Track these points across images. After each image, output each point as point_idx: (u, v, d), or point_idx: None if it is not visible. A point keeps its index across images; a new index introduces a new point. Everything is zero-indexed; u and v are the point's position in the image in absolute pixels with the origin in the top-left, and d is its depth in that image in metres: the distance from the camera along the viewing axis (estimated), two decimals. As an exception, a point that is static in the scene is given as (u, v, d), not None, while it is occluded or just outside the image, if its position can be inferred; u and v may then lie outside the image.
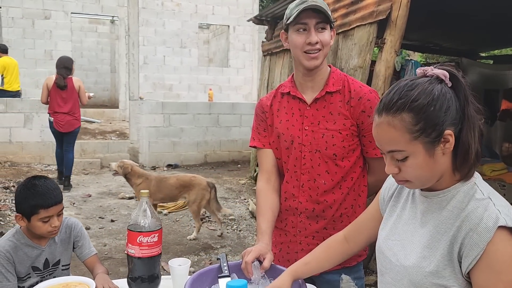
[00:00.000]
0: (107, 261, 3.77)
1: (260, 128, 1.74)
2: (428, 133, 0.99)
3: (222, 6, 12.44)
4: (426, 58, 12.86)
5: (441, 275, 1.01)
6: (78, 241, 1.90)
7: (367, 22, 3.71)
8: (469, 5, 4.27)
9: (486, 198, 1.01)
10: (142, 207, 1.55)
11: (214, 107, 8.78)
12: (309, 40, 1.53)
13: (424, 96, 0.99)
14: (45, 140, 7.49)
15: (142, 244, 1.51)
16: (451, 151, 1.03)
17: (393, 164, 1.05)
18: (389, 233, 1.19)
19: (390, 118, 1.01)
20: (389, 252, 1.16)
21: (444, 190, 1.07)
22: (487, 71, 6.73)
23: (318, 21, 1.53)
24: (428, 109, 0.98)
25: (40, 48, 10.89)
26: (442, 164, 1.03)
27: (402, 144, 1.01)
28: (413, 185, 1.08)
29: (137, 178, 4.34)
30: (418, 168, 1.02)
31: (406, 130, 0.99)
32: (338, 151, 1.60)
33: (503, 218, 0.95)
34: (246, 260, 1.39)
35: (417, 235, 1.09)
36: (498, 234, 0.94)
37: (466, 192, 1.04)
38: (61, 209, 1.77)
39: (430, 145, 1.00)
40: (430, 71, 1.04)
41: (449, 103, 1.00)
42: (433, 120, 0.98)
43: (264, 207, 1.63)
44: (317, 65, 1.57)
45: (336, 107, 1.60)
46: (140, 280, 1.54)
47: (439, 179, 1.06)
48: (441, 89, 1.01)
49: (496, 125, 6.45)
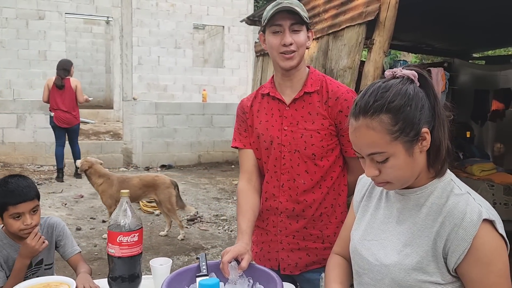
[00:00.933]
0: (97, 261, 3.78)
1: (241, 128, 1.76)
2: (407, 132, 1.00)
3: (216, 7, 12.44)
4: (422, 59, 12.92)
5: (425, 271, 1.02)
6: (61, 240, 1.90)
7: (356, 23, 3.73)
8: (462, 5, 4.30)
9: (465, 193, 1.04)
10: (122, 207, 1.55)
11: (207, 107, 8.79)
12: (284, 42, 1.54)
13: (400, 96, 1.00)
14: (37, 141, 7.48)
15: (122, 243, 1.52)
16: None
17: (373, 167, 1.05)
18: (364, 233, 1.19)
19: (368, 120, 1.01)
20: (367, 252, 1.15)
21: (422, 187, 1.08)
22: (479, 71, 6.77)
23: (293, 22, 1.54)
24: (406, 109, 1.00)
25: (34, 48, 10.85)
26: (420, 162, 1.05)
27: (382, 145, 1.01)
28: (393, 186, 1.09)
29: (97, 178, 4.29)
30: (399, 169, 1.03)
31: (386, 131, 1.00)
32: (317, 151, 1.61)
33: (485, 211, 0.98)
34: (223, 260, 1.40)
35: (395, 233, 1.10)
36: (483, 227, 0.97)
37: (443, 188, 1.06)
38: (34, 206, 1.75)
39: (409, 144, 1.02)
40: (399, 72, 1.05)
41: (423, 102, 1.02)
42: (411, 119, 1.00)
43: (244, 207, 1.64)
44: (292, 65, 1.59)
45: (314, 107, 1.62)
46: (120, 279, 1.55)
47: (417, 178, 1.08)
48: (414, 88, 1.03)
49: (486, 125, 6.48)
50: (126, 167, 8.08)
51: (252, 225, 1.61)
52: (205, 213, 5.39)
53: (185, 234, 4.49)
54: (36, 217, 1.77)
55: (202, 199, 6.11)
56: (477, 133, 6.59)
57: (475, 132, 6.51)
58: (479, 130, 6.61)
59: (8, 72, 10.61)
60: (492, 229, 0.98)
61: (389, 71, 1.08)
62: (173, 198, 4.38)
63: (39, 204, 1.80)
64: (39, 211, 1.80)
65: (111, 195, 4.19)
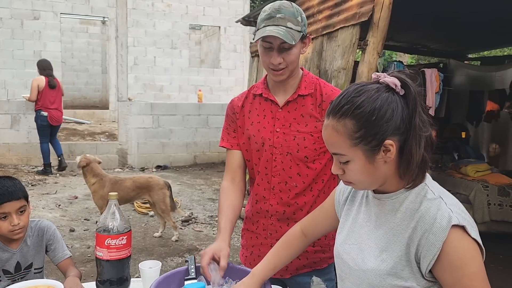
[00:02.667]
0: (90, 263, 3.75)
1: (230, 128, 1.74)
2: (368, 141, 1.00)
3: (213, 7, 12.42)
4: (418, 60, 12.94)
5: (400, 276, 1.02)
6: (51, 244, 1.88)
7: (350, 24, 3.73)
8: (457, 7, 4.31)
9: (437, 198, 1.02)
10: (110, 210, 1.54)
11: (203, 108, 8.77)
12: (272, 61, 1.53)
13: (368, 104, 0.99)
14: (32, 141, 7.44)
15: (111, 246, 1.50)
16: (395, 159, 1.03)
17: (337, 166, 1.08)
18: (346, 237, 1.19)
19: (335, 122, 1.02)
20: (347, 257, 1.16)
21: (396, 192, 1.07)
22: (474, 72, 6.79)
23: (282, 42, 1.50)
24: (370, 118, 0.99)
25: (29, 48, 10.80)
26: (383, 171, 1.04)
27: (343, 148, 1.03)
28: (357, 187, 1.11)
29: (91, 177, 4.28)
30: (358, 173, 1.04)
31: (347, 136, 1.01)
32: (309, 154, 1.60)
33: (455, 217, 0.97)
34: (202, 265, 1.40)
35: (373, 238, 1.10)
36: (452, 232, 0.96)
37: (417, 193, 1.05)
38: (20, 206, 1.73)
39: (369, 153, 1.01)
40: (382, 78, 1.04)
41: (393, 113, 1.00)
42: (373, 129, 0.99)
43: (225, 205, 1.63)
44: (282, 79, 1.58)
45: (307, 110, 1.61)
46: (108, 283, 1.53)
47: (383, 183, 1.07)
48: (387, 98, 1.00)
49: (482, 126, 6.50)
50: (122, 168, 8.05)
51: (232, 222, 1.60)
52: (200, 214, 5.38)
53: (179, 235, 4.47)
54: (23, 218, 1.75)
55: (197, 200, 6.10)
56: (472, 134, 6.61)
57: (470, 133, 6.52)
58: (474, 131, 6.64)
59: (3, 72, 10.56)
60: (463, 234, 0.97)
61: (375, 74, 1.06)
62: (167, 199, 4.37)
63: (26, 204, 1.78)
64: (28, 212, 1.78)
65: (102, 196, 4.16)
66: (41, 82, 6.75)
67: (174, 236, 4.44)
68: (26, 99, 7.15)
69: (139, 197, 4.48)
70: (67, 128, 9.55)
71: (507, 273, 3.94)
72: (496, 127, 6.29)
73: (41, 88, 6.75)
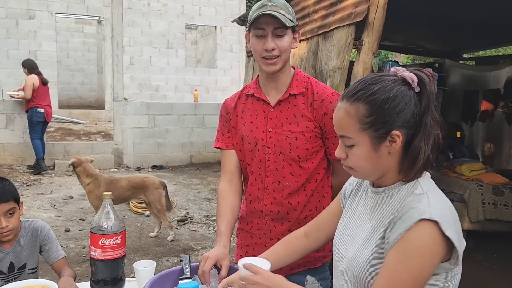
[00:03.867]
0: (85, 263, 3.74)
1: (224, 129, 1.73)
2: (377, 128, 1.02)
3: (209, 7, 12.41)
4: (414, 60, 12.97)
5: (377, 263, 1.05)
6: (45, 244, 1.87)
7: (346, 23, 3.73)
8: (452, 7, 4.32)
9: (423, 193, 1.04)
10: (104, 209, 1.54)
11: (199, 108, 8.76)
12: (265, 47, 1.52)
13: (382, 92, 1.03)
14: (27, 141, 7.41)
15: (105, 246, 1.50)
16: (399, 152, 1.05)
17: (342, 149, 1.10)
18: (343, 228, 1.22)
19: (348, 105, 1.05)
20: (342, 247, 1.19)
21: (390, 187, 1.10)
22: (469, 72, 6.82)
23: (276, 26, 1.50)
24: (382, 106, 1.02)
25: (24, 48, 10.76)
26: (386, 162, 1.06)
27: (351, 131, 1.05)
28: (357, 173, 1.13)
29: (86, 177, 4.26)
30: (361, 159, 1.06)
31: (358, 120, 1.04)
32: (301, 153, 1.60)
33: (430, 211, 0.98)
34: (204, 269, 1.39)
35: (364, 229, 1.13)
36: (421, 224, 0.97)
37: (408, 188, 1.07)
38: (9, 209, 1.72)
39: (376, 140, 1.04)
40: (401, 72, 1.06)
41: (405, 106, 1.02)
42: (384, 117, 1.02)
43: (224, 209, 1.62)
44: (275, 70, 1.57)
45: (299, 109, 1.60)
46: (103, 282, 1.53)
47: (383, 176, 1.09)
48: (402, 90, 1.03)
49: (476, 126, 6.53)
50: (117, 168, 8.03)
51: (232, 227, 1.59)
52: (196, 214, 5.37)
53: (175, 235, 4.47)
54: (13, 220, 1.74)
55: (193, 199, 6.09)
56: (467, 133, 6.64)
57: (465, 132, 6.55)
58: (469, 130, 6.66)
59: (-2, 72, 10.51)
60: (433, 229, 0.96)
61: (395, 68, 1.09)
62: (163, 199, 4.36)
63: (16, 207, 1.77)
64: (17, 214, 1.77)
65: (97, 196, 4.15)
66: (35, 81, 6.93)
67: (170, 236, 4.43)
68: (15, 96, 7.21)
69: (134, 197, 4.47)
70: (62, 128, 9.52)
71: (501, 272, 3.96)
72: (491, 126, 6.32)
73: (36, 86, 6.93)
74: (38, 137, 7.13)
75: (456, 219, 1.03)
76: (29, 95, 6.90)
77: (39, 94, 6.99)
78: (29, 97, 6.91)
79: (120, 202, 4.48)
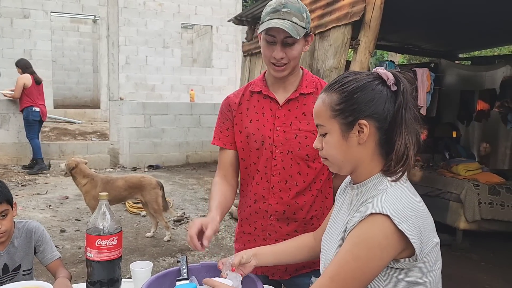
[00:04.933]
0: (81, 264, 3.72)
1: (224, 127, 1.70)
2: (345, 115, 1.08)
3: (205, 6, 12.39)
4: (410, 59, 13.01)
5: None
6: (40, 245, 1.85)
7: (342, 23, 3.73)
8: (447, 7, 4.33)
9: (384, 189, 1.06)
10: (101, 210, 1.52)
11: (195, 107, 8.74)
12: (274, 55, 1.52)
13: (353, 83, 1.09)
14: (22, 141, 7.37)
15: (101, 247, 1.48)
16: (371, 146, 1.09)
17: (319, 140, 1.16)
18: (328, 227, 1.26)
19: (324, 95, 1.14)
20: (325, 244, 1.23)
21: (362, 183, 1.14)
22: (464, 72, 6.84)
23: (287, 36, 1.49)
24: (351, 94, 1.08)
25: (19, 47, 10.69)
26: (356, 152, 1.10)
27: (323, 118, 1.12)
28: (331, 164, 1.16)
29: (82, 178, 4.23)
30: (332, 147, 1.12)
31: (329, 107, 1.11)
32: (310, 152, 1.58)
33: (381, 206, 1.00)
34: (190, 234, 1.39)
35: (338, 226, 1.17)
36: (373, 217, 1.00)
37: (374, 183, 1.10)
38: (2, 211, 1.71)
39: (344, 127, 1.09)
40: (379, 70, 1.12)
41: (374, 97, 1.07)
42: (352, 105, 1.08)
43: (216, 193, 1.60)
44: (283, 75, 1.57)
45: (309, 109, 1.58)
46: (99, 284, 1.52)
47: (355, 169, 1.13)
48: (373, 84, 1.09)
49: (472, 125, 6.55)
50: (113, 168, 8.00)
51: (223, 206, 1.57)
52: (192, 214, 5.35)
53: (171, 235, 4.45)
54: (5, 222, 1.72)
55: (190, 199, 6.07)
56: (463, 133, 6.66)
57: (461, 132, 6.57)
58: (465, 130, 6.68)
59: (-8, 71, 10.44)
60: (384, 222, 0.98)
61: (375, 68, 1.15)
62: (160, 199, 4.34)
63: (9, 208, 1.75)
64: (10, 216, 1.75)
65: (94, 196, 4.12)
66: (27, 80, 6.88)
67: (166, 236, 4.41)
68: (7, 95, 7.19)
69: (131, 197, 4.45)
70: (57, 127, 9.47)
71: (498, 271, 3.97)
72: (487, 126, 6.34)
73: (28, 86, 6.87)
74: (36, 137, 7.07)
75: (419, 215, 1.03)
76: (17, 94, 6.89)
77: (33, 93, 6.94)
78: (18, 96, 6.90)
79: (117, 202, 4.45)
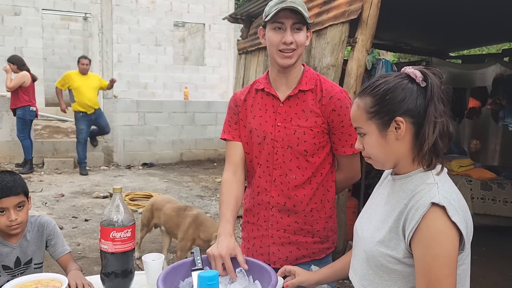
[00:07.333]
0: (80, 260, 3.74)
1: (232, 121, 1.77)
2: (381, 116, 1.16)
3: (197, 4, 12.36)
4: (399, 58, 13.13)
5: (387, 245, 1.15)
6: (51, 239, 1.88)
7: (339, 21, 3.78)
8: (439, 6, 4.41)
9: (434, 183, 1.12)
10: (115, 203, 1.56)
11: (189, 105, 8.75)
12: (284, 40, 1.57)
13: (384, 86, 1.17)
14: (15, 139, 7.32)
15: (115, 239, 1.52)
16: (409, 140, 1.16)
17: (359, 141, 1.24)
18: (363, 213, 1.34)
19: (359, 99, 1.22)
20: (359, 228, 1.30)
21: (406, 174, 1.19)
22: (456, 70, 6.93)
23: (295, 21, 1.56)
24: (384, 96, 1.16)
25: (10, 45, 10.58)
26: (395, 148, 1.18)
27: (361, 121, 1.20)
28: (374, 162, 1.24)
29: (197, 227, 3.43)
30: (372, 146, 1.20)
31: (365, 111, 1.19)
32: (309, 148, 1.65)
33: (439, 197, 1.06)
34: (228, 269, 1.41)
35: (380, 213, 1.23)
36: (431, 210, 1.06)
37: (421, 177, 1.16)
38: (19, 202, 1.73)
39: (381, 127, 1.17)
40: (407, 69, 1.18)
41: (405, 96, 1.14)
42: (386, 106, 1.15)
43: (228, 196, 1.65)
44: (290, 64, 1.62)
45: (308, 105, 1.65)
46: (113, 275, 1.55)
47: (397, 164, 1.20)
48: (403, 83, 1.16)
49: (463, 122, 6.66)
50: (107, 166, 7.99)
51: (235, 215, 1.62)
52: (189, 211, 5.38)
53: (169, 231, 4.46)
54: (22, 214, 1.74)
55: (186, 196, 6.10)
56: (455, 130, 6.76)
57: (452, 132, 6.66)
58: (457, 127, 6.79)
59: (-17, 69, 10.31)
60: (442, 215, 1.05)
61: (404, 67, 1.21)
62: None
63: (26, 200, 1.77)
64: (26, 208, 1.78)
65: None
66: (27, 78, 6.65)
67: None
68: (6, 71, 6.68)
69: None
70: (50, 126, 9.41)
71: (490, 265, 4.07)
72: (477, 123, 6.46)
73: (27, 85, 6.66)
74: (28, 137, 6.98)
75: (464, 209, 1.11)
76: (12, 87, 6.50)
77: (30, 92, 6.78)
78: (12, 89, 6.52)
79: None
